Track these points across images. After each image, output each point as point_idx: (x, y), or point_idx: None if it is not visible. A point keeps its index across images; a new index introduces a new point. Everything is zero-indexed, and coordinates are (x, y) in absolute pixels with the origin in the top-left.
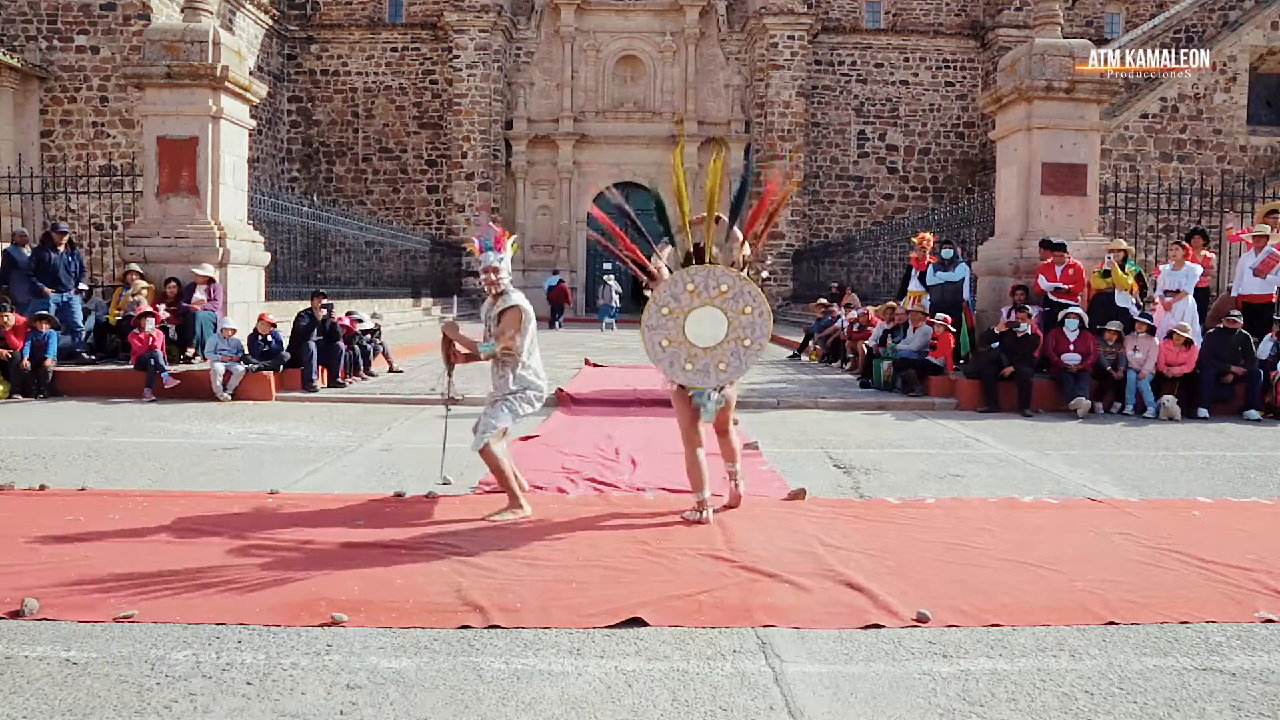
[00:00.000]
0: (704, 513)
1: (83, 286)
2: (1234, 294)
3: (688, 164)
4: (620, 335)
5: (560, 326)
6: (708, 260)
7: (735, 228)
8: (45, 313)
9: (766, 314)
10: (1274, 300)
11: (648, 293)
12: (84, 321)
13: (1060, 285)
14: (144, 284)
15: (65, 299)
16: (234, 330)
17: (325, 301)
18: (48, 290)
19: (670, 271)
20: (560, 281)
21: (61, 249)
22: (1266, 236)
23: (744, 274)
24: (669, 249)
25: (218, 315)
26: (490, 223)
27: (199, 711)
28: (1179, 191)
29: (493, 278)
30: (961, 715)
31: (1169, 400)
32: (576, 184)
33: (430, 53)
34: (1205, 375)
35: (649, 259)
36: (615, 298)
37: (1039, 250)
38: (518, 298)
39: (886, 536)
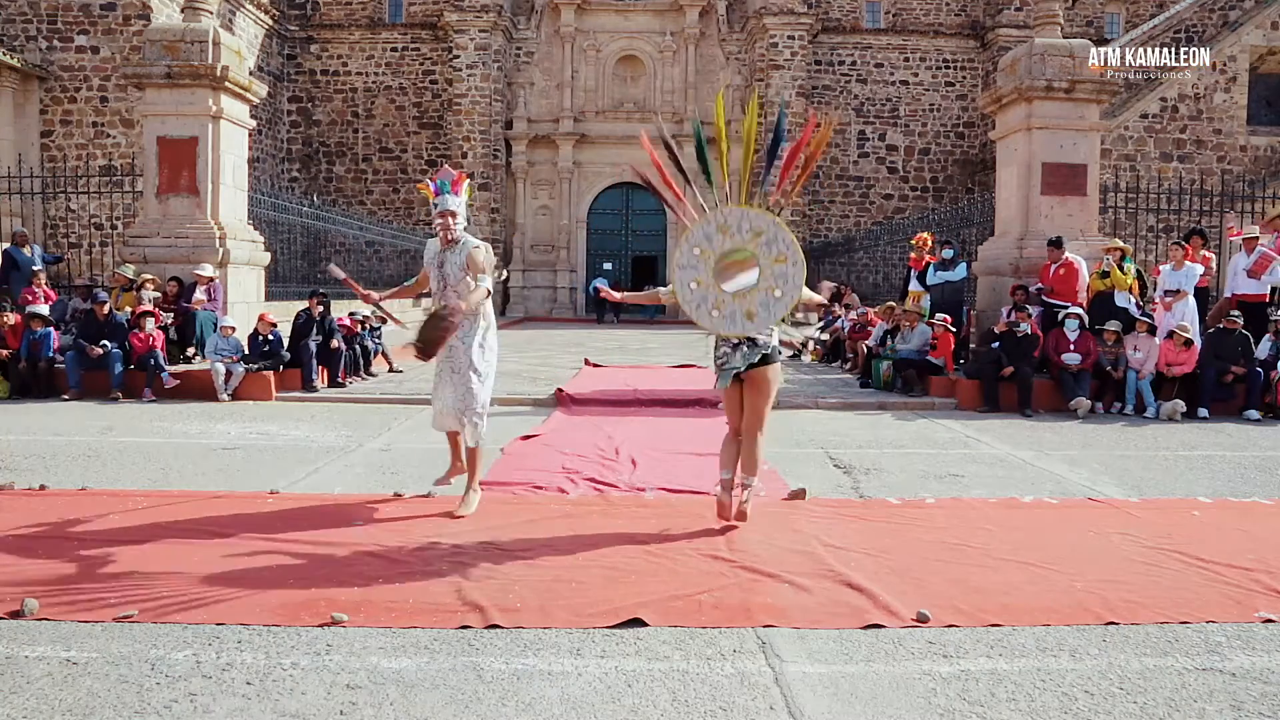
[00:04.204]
0: (722, 491)
1: (111, 349)
2: (1228, 294)
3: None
4: (620, 335)
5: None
6: (742, 202)
7: (771, 174)
8: (40, 312)
9: (801, 264)
10: (1267, 300)
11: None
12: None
13: (1042, 286)
14: (148, 277)
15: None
16: (233, 328)
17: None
18: (97, 350)
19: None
20: (616, 283)
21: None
22: (1257, 238)
23: (780, 220)
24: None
25: (218, 315)
26: (448, 167)
27: (199, 711)
28: (1179, 191)
29: (449, 222)
30: (961, 715)
31: (1174, 403)
32: (576, 184)
33: (430, 53)
34: (1205, 375)
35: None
36: None
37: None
38: (478, 241)
39: (886, 536)
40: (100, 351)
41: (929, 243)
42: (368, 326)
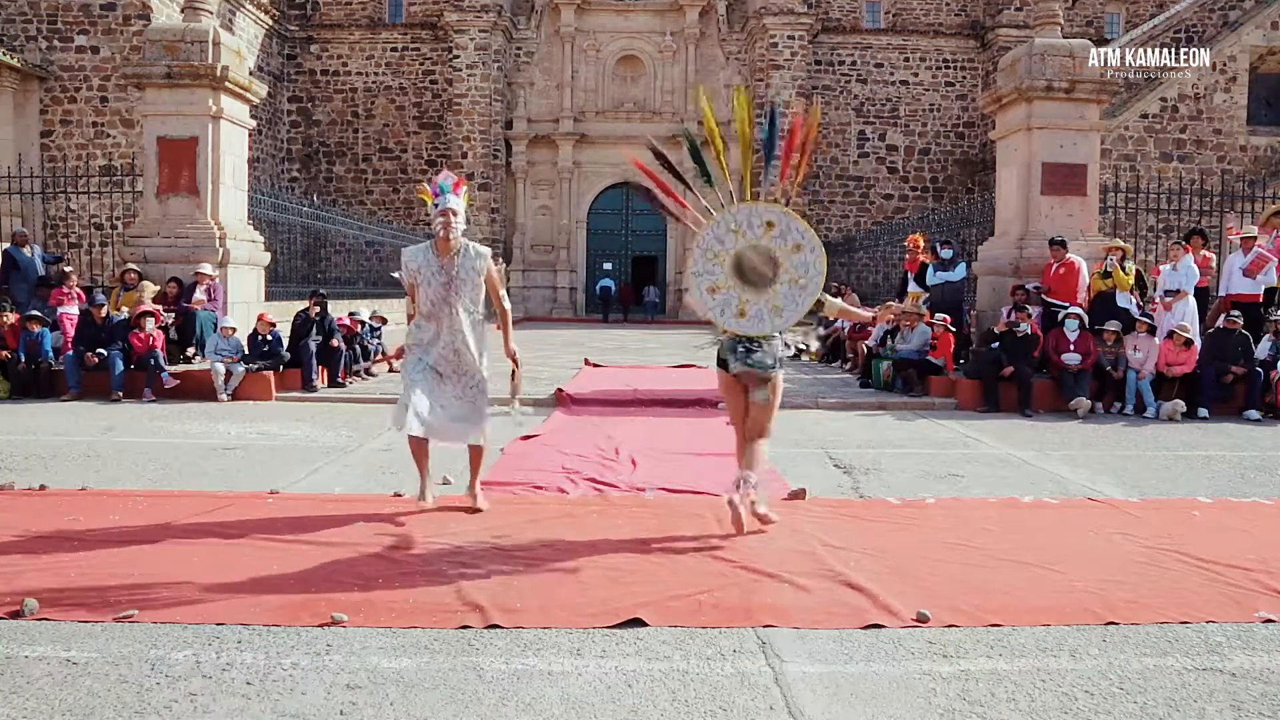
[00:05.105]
0: (735, 496)
1: (111, 352)
2: (1223, 293)
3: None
4: (620, 335)
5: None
6: (747, 198)
7: (771, 170)
8: (35, 312)
9: (819, 249)
10: (1261, 300)
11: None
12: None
13: (1041, 285)
14: (151, 286)
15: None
16: (234, 329)
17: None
18: (94, 358)
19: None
20: (625, 284)
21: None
22: (1254, 237)
23: (788, 208)
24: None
25: (218, 315)
26: (447, 170)
27: (199, 711)
28: (1179, 191)
29: (451, 220)
30: (961, 715)
31: (1174, 403)
32: (576, 184)
33: (430, 53)
34: (1205, 375)
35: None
36: None
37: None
38: (484, 248)
39: (886, 536)
40: (96, 360)
41: (921, 244)
42: (367, 326)
